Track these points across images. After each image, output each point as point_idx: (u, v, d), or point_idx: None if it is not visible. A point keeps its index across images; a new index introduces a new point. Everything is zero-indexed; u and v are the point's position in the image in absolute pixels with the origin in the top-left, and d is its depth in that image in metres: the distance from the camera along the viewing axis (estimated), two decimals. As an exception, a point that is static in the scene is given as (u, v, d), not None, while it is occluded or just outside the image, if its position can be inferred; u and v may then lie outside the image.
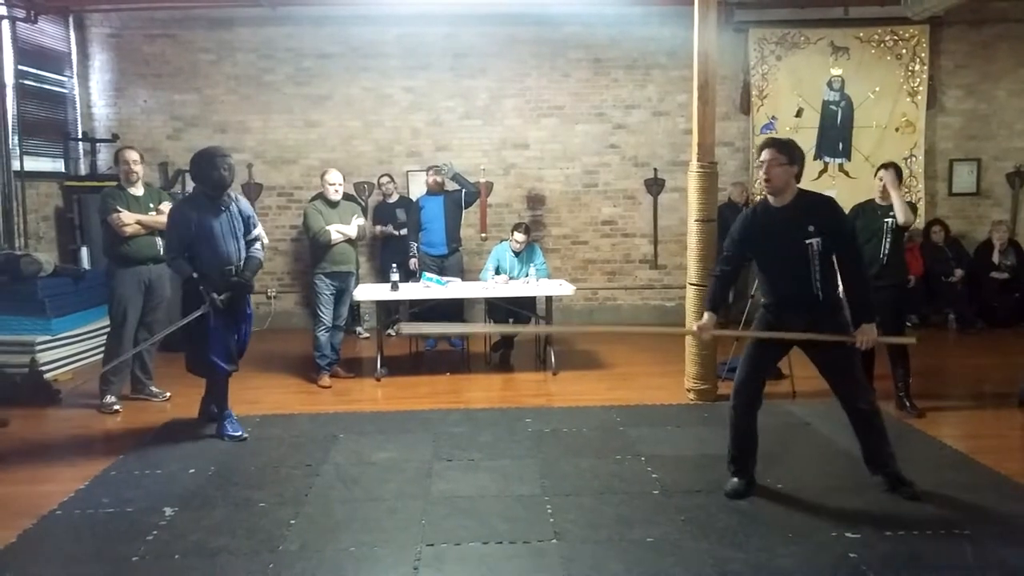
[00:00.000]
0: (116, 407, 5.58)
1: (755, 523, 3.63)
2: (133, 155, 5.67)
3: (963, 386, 6.16)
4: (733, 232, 3.94)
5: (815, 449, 4.69)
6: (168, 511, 3.80)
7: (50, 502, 3.91)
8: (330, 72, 8.61)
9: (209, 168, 4.74)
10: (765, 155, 3.74)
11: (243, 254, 4.93)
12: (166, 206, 5.70)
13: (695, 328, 3.99)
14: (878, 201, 5.29)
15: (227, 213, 4.85)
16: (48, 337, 6.33)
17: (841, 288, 3.85)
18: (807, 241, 3.66)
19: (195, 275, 4.72)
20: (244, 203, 5.04)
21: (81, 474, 4.30)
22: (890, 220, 5.19)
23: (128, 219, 5.46)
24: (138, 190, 5.65)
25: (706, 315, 4.00)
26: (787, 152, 3.72)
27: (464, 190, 7.25)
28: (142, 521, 3.70)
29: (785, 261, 3.75)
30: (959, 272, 8.27)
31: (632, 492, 4.00)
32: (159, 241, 5.63)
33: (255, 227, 5.07)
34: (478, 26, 8.57)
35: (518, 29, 8.63)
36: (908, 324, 5.81)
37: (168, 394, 5.82)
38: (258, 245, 5.07)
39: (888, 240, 5.19)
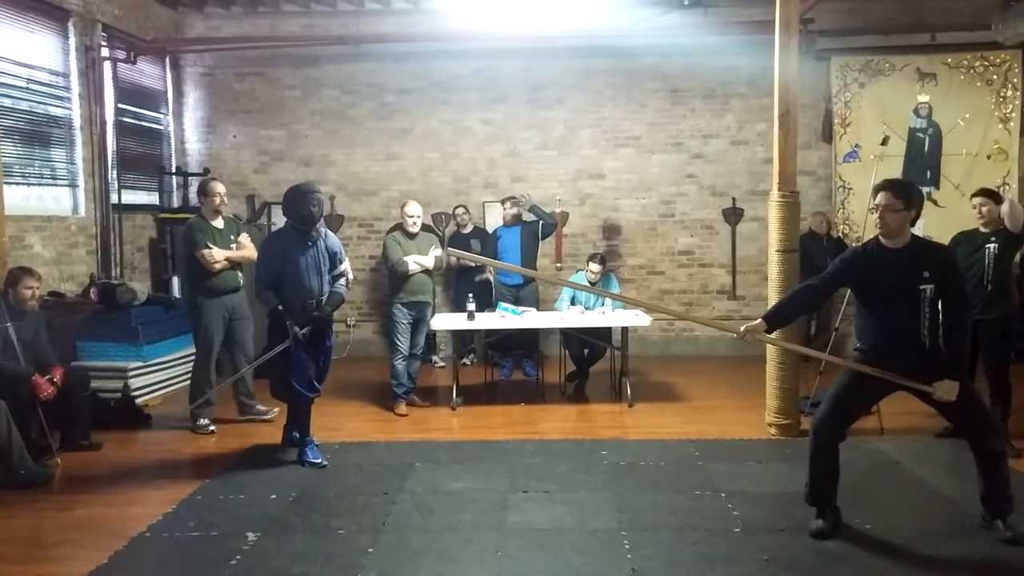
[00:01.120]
0: (211, 428, 5.80)
1: (842, 565, 3.49)
2: (220, 187, 5.88)
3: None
4: (838, 265, 3.84)
5: (906, 489, 4.48)
6: (251, 536, 3.89)
7: (139, 524, 4.04)
8: (410, 106, 8.82)
9: (300, 204, 4.87)
10: (880, 199, 3.64)
11: (326, 288, 5.05)
12: (244, 238, 5.92)
13: (741, 329, 3.86)
14: (981, 229, 5.09)
15: (315, 248, 4.98)
16: (140, 363, 6.56)
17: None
18: (921, 287, 3.57)
19: (280, 307, 4.84)
20: (332, 239, 5.16)
21: (169, 497, 4.44)
22: (992, 247, 4.98)
23: (218, 256, 5.67)
24: (219, 222, 5.86)
25: (759, 320, 3.87)
26: (904, 196, 3.62)
27: (541, 221, 7.28)
28: (226, 545, 3.78)
29: (896, 304, 3.63)
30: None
31: (712, 529, 3.90)
32: (240, 273, 5.85)
33: (341, 263, 5.18)
34: (554, 59, 8.66)
35: (594, 61, 8.69)
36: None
37: (276, 410, 5.98)
38: (342, 281, 5.19)
39: (992, 268, 4.97)
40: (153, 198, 8.50)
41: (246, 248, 5.85)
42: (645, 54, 8.60)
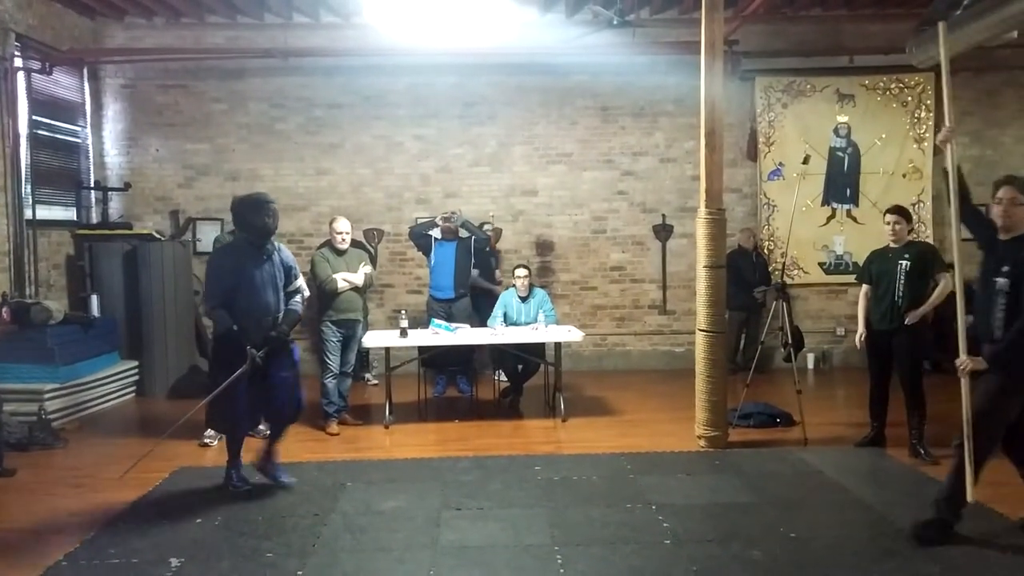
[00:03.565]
0: (212, 444, 5.81)
1: (768, 573, 3.55)
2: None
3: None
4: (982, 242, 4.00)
5: (828, 497, 4.59)
6: (175, 562, 3.75)
7: (56, 553, 3.87)
8: (341, 121, 8.74)
9: (254, 215, 4.58)
10: (1004, 192, 3.82)
11: (282, 305, 4.77)
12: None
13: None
14: (892, 245, 5.29)
15: (270, 262, 4.69)
16: (56, 385, 6.32)
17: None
18: (994, 279, 3.81)
19: (235, 328, 4.51)
20: (286, 253, 4.88)
21: (88, 523, 4.26)
22: (904, 263, 5.18)
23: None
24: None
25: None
26: None
27: (475, 238, 7.27)
28: (148, 573, 3.65)
29: (990, 292, 3.88)
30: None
31: (643, 542, 3.93)
32: None
33: (296, 278, 4.89)
34: (486, 75, 8.71)
35: (526, 78, 8.76)
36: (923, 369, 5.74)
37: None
38: (298, 298, 4.90)
39: (902, 283, 5.17)
40: (70, 213, 8.19)
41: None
42: (576, 72, 8.72)
